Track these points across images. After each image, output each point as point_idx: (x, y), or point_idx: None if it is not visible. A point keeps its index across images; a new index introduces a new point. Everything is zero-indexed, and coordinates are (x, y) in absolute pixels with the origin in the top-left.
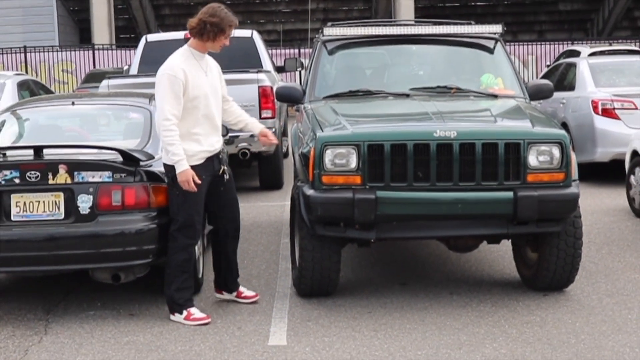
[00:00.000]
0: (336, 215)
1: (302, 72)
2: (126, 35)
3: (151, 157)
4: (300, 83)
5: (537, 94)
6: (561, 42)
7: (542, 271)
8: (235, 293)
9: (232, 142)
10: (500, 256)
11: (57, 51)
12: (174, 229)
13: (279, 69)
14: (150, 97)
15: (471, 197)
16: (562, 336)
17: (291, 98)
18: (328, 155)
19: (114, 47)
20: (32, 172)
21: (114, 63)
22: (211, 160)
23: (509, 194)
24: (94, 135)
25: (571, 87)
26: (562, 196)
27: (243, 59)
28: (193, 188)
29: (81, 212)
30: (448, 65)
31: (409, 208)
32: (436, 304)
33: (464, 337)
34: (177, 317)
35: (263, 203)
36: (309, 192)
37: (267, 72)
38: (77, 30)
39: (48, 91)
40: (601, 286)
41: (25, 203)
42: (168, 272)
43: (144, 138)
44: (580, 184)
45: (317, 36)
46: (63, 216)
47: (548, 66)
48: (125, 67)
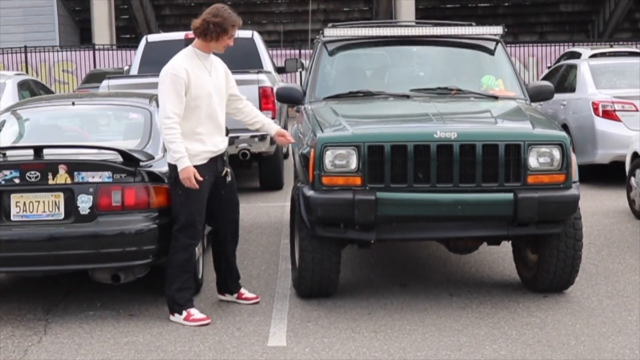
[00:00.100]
0: (336, 216)
1: (303, 73)
2: (127, 35)
3: (151, 158)
4: (300, 84)
5: (538, 96)
6: (562, 44)
7: (542, 273)
8: (236, 294)
9: (232, 143)
10: (500, 258)
11: (58, 51)
12: (176, 229)
13: (280, 70)
14: (150, 98)
15: (471, 199)
16: (562, 338)
17: (291, 99)
18: (328, 156)
19: (115, 48)
20: (32, 172)
21: (115, 63)
22: (214, 160)
23: (509, 196)
24: (94, 135)
25: (572, 89)
26: (563, 198)
27: (244, 60)
28: (195, 185)
29: (81, 212)
30: (448, 66)
31: (409, 209)
32: (436, 305)
33: (464, 339)
34: (177, 318)
35: (263, 204)
36: (309, 193)
37: (268, 73)
38: (78, 30)
39: (48, 91)
40: (601, 288)
41: (25, 203)
42: (169, 272)
43: (144, 138)
44: (580, 186)
45: (318, 37)
46: (63, 216)
47: (549, 68)
48: (125, 68)
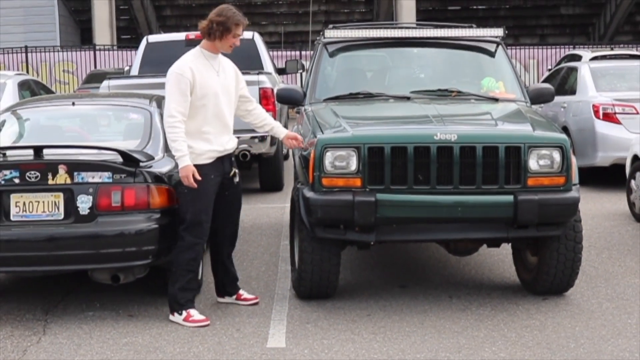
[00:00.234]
0: (336, 217)
1: (303, 74)
2: (127, 35)
3: (151, 158)
4: (301, 85)
5: (538, 98)
6: (563, 47)
7: (542, 275)
8: (235, 296)
9: None
10: (500, 260)
11: (58, 51)
12: (182, 228)
13: (280, 71)
14: (150, 98)
15: (471, 201)
16: (562, 340)
17: (292, 100)
18: (328, 157)
19: (115, 48)
20: (32, 172)
21: (115, 64)
22: (221, 160)
23: (509, 198)
24: (94, 135)
25: (572, 92)
26: (563, 200)
27: (244, 61)
28: (193, 184)
29: (81, 213)
30: (449, 68)
31: (409, 211)
32: (436, 307)
33: (463, 341)
34: (176, 318)
35: (263, 205)
36: (309, 195)
37: (268, 74)
38: (79, 30)
39: (49, 91)
40: (601, 290)
41: (24, 203)
42: (174, 271)
43: (144, 139)
44: (580, 188)
45: (318, 38)
46: (63, 216)
47: (549, 70)
48: (126, 68)
